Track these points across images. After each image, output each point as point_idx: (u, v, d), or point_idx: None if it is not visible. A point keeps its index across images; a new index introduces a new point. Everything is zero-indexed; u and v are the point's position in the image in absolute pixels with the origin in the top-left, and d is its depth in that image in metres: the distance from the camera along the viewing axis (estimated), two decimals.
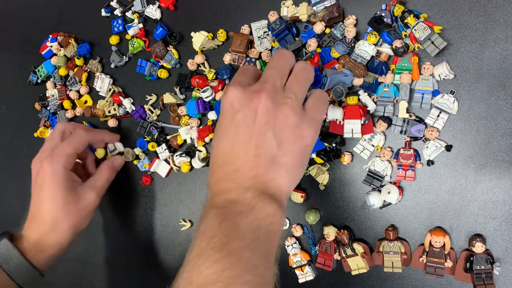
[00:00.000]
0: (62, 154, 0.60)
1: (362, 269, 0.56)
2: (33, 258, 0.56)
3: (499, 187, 0.51)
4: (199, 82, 0.64)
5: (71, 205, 0.58)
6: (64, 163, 0.59)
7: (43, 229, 0.57)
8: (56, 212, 0.57)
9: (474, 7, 0.52)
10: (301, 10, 0.58)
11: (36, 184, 0.59)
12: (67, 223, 0.58)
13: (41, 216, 0.58)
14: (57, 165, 0.58)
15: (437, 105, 0.53)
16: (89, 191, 0.61)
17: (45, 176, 0.58)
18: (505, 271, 0.51)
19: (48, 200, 0.58)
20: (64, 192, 0.58)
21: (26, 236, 0.57)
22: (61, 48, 0.77)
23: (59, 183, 0.58)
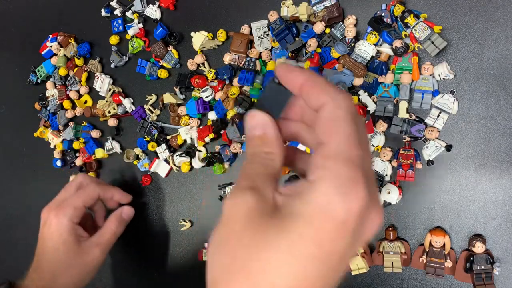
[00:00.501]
0: (70, 206, 0.59)
1: (362, 269, 0.56)
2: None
3: (499, 187, 0.51)
4: (199, 82, 0.64)
5: (74, 260, 0.58)
6: (71, 216, 0.59)
7: (43, 283, 0.56)
8: (57, 265, 0.57)
9: (474, 7, 0.52)
10: (301, 10, 0.58)
11: (42, 233, 0.59)
12: (68, 277, 0.57)
13: (42, 268, 0.57)
14: (64, 217, 0.58)
15: (437, 105, 0.53)
16: (93, 246, 0.60)
17: (50, 227, 0.58)
18: (505, 271, 0.51)
19: (50, 252, 0.57)
20: (68, 245, 0.57)
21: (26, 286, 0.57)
22: (61, 48, 0.77)
23: (63, 236, 0.57)
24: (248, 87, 0.61)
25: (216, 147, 0.65)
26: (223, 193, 0.65)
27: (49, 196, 0.80)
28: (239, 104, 0.61)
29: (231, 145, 0.63)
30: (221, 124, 0.64)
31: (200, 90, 0.65)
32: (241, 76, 0.61)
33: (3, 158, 0.87)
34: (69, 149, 0.77)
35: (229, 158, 0.64)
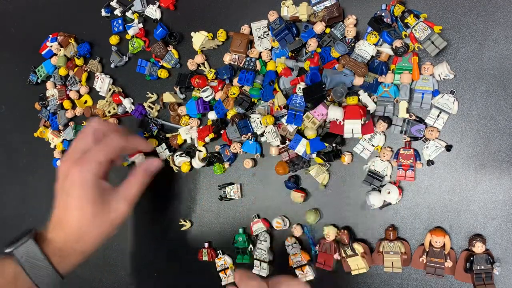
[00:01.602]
0: (94, 161, 0.54)
1: (362, 269, 0.56)
2: (57, 263, 0.53)
3: (499, 187, 0.51)
4: (199, 82, 0.64)
5: (100, 216, 0.54)
6: (95, 171, 0.54)
7: (70, 237, 0.54)
8: (84, 223, 0.54)
9: (474, 7, 0.52)
10: (301, 10, 0.58)
11: (63, 188, 0.55)
12: (95, 234, 0.55)
13: (67, 224, 0.54)
14: (88, 173, 0.54)
15: (437, 105, 0.53)
16: (120, 201, 0.56)
17: (73, 182, 0.54)
18: (505, 271, 0.51)
19: (76, 209, 0.54)
20: (93, 203, 0.54)
21: (51, 240, 0.54)
22: (61, 48, 0.77)
23: (88, 193, 0.53)
24: (248, 87, 0.61)
25: (216, 147, 0.65)
26: (223, 193, 0.65)
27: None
28: (239, 104, 0.61)
29: (231, 145, 0.63)
30: (221, 124, 0.64)
31: (200, 90, 0.65)
32: (241, 76, 0.61)
33: (3, 158, 0.87)
34: None
35: (229, 158, 0.64)
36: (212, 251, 0.66)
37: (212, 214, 0.67)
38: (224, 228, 0.66)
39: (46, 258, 0.52)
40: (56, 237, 0.54)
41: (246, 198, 0.65)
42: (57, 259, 0.53)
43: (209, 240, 0.67)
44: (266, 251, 0.61)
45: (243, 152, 0.63)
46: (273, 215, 0.63)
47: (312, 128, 0.56)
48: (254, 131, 0.61)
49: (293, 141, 0.58)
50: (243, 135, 0.61)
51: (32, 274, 0.51)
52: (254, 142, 0.61)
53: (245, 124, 0.60)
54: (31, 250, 0.51)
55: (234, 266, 0.65)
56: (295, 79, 0.56)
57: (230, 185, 0.65)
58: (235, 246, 0.64)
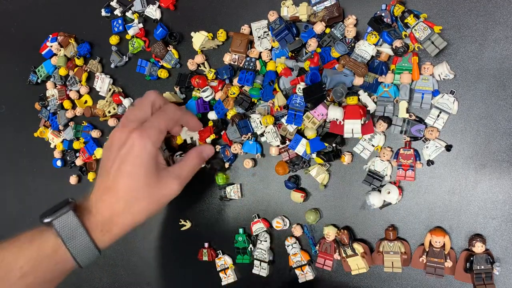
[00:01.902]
0: (155, 128, 0.52)
1: (362, 269, 0.56)
2: (98, 238, 0.50)
3: (499, 187, 0.51)
4: (199, 82, 0.64)
5: (151, 188, 0.52)
6: (155, 140, 0.52)
7: (117, 206, 0.51)
8: (136, 191, 0.51)
9: (474, 7, 0.52)
10: (301, 10, 0.58)
11: (117, 155, 0.52)
12: (143, 206, 0.52)
13: (117, 191, 0.51)
14: (148, 140, 0.51)
15: (437, 105, 0.53)
16: (173, 178, 0.54)
17: (132, 148, 0.51)
18: (505, 271, 0.51)
19: (130, 176, 0.51)
20: (148, 173, 0.51)
21: (95, 211, 0.51)
22: (61, 48, 0.77)
23: (145, 161, 0.51)
24: (248, 87, 0.61)
25: (217, 147, 0.65)
26: (223, 193, 0.65)
27: (49, 196, 0.80)
28: (239, 104, 0.61)
29: (231, 146, 0.63)
30: (222, 124, 0.64)
31: (200, 90, 0.65)
32: (241, 76, 0.61)
33: (3, 158, 0.87)
34: (69, 149, 0.77)
35: (229, 158, 0.64)
36: (212, 251, 0.66)
37: (212, 214, 0.67)
38: (224, 228, 0.66)
39: (87, 232, 0.49)
40: (100, 208, 0.51)
41: (246, 198, 0.65)
42: (98, 234, 0.50)
43: (209, 240, 0.67)
44: (266, 251, 0.61)
45: (244, 153, 0.63)
46: (273, 215, 0.63)
47: (312, 128, 0.56)
48: (254, 131, 0.61)
49: (293, 141, 0.58)
50: (243, 135, 0.61)
51: (71, 247, 0.48)
52: (255, 142, 0.61)
53: (245, 124, 0.60)
54: (71, 222, 0.49)
55: (234, 266, 0.65)
56: (295, 79, 0.57)
57: (230, 185, 0.65)
58: (235, 246, 0.64)
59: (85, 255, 0.50)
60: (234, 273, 0.65)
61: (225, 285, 0.65)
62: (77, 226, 0.49)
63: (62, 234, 0.48)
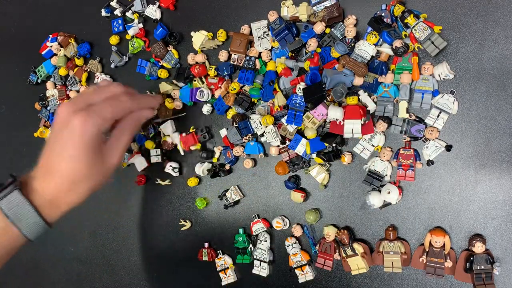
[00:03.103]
0: (101, 116, 0.52)
1: (362, 269, 0.56)
2: (47, 215, 0.51)
3: (499, 187, 0.51)
4: (200, 70, 0.64)
5: (94, 168, 0.53)
6: (100, 127, 0.52)
7: (61, 187, 0.52)
8: (79, 173, 0.52)
9: (474, 7, 0.52)
10: (301, 10, 0.58)
11: (59, 135, 0.52)
12: (87, 185, 0.53)
13: (59, 173, 0.52)
14: (92, 126, 0.51)
15: (437, 105, 0.53)
16: (114, 153, 0.55)
17: (74, 132, 0.51)
18: (505, 271, 0.51)
19: (72, 159, 0.51)
20: (91, 154, 0.52)
21: (40, 191, 0.51)
22: (61, 48, 0.77)
23: (88, 145, 0.51)
24: (248, 86, 0.61)
25: (219, 147, 0.65)
26: (225, 201, 0.65)
27: None
28: (239, 104, 0.61)
29: (233, 149, 0.63)
30: (208, 133, 0.65)
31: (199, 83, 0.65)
32: (241, 75, 0.61)
33: (3, 158, 0.87)
34: None
35: (230, 160, 0.64)
36: (212, 251, 0.66)
37: (212, 214, 0.67)
38: (224, 228, 0.66)
39: (35, 210, 0.50)
40: (46, 187, 0.52)
41: (246, 198, 0.65)
42: (47, 211, 0.51)
43: (209, 240, 0.67)
44: (266, 251, 0.61)
45: (246, 155, 0.63)
46: (273, 215, 0.63)
47: (312, 128, 0.56)
48: (254, 131, 0.61)
49: (293, 141, 0.58)
50: (244, 137, 0.61)
51: (20, 225, 0.49)
52: (256, 143, 0.61)
53: (245, 125, 0.60)
54: (17, 202, 0.49)
55: (234, 266, 0.65)
56: (295, 79, 0.57)
57: (228, 190, 0.65)
58: (235, 246, 0.64)
59: (35, 230, 0.51)
60: (234, 273, 0.65)
61: (225, 285, 0.65)
62: (24, 205, 0.49)
63: (10, 215, 0.49)
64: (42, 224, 0.51)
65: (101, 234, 0.77)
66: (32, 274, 0.84)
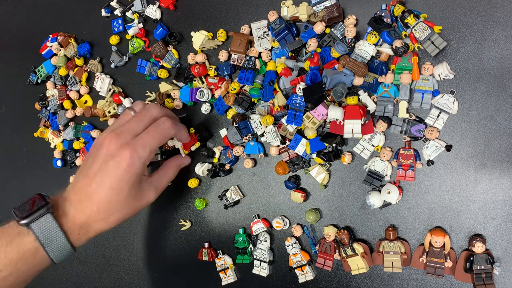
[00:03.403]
0: (147, 149, 0.53)
1: (362, 269, 0.56)
2: (74, 240, 0.52)
3: (499, 187, 0.51)
4: (200, 70, 0.64)
5: (131, 202, 0.54)
6: (145, 160, 0.53)
7: (95, 215, 0.52)
8: (116, 204, 0.53)
9: (474, 7, 0.52)
10: (301, 10, 0.58)
11: (103, 165, 0.53)
12: (118, 217, 0.54)
13: (95, 202, 0.52)
14: (138, 160, 0.52)
15: (437, 105, 0.53)
16: (152, 190, 0.57)
17: (120, 163, 0.52)
18: (505, 271, 0.51)
19: (113, 190, 0.52)
20: (131, 189, 0.53)
21: (72, 215, 0.52)
22: (61, 48, 0.77)
23: (131, 180, 0.53)
24: (248, 86, 0.61)
25: (219, 147, 0.65)
26: (225, 201, 0.65)
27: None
28: (239, 104, 0.61)
29: (233, 149, 0.63)
30: (207, 133, 0.65)
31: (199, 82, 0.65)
32: (241, 75, 0.61)
33: (3, 158, 0.87)
34: (69, 149, 0.78)
35: (230, 160, 0.64)
36: (212, 251, 0.66)
37: (212, 214, 0.67)
38: (224, 228, 0.66)
39: (65, 235, 0.50)
40: (78, 213, 0.52)
41: (246, 198, 0.65)
42: (75, 236, 0.52)
43: (209, 240, 0.67)
44: (266, 251, 0.61)
45: (246, 155, 0.63)
46: (273, 215, 0.63)
47: (312, 128, 0.56)
48: (254, 131, 0.61)
49: (293, 141, 0.58)
50: (244, 137, 0.61)
51: (49, 250, 0.50)
52: (256, 143, 0.61)
53: (245, 125, 0.60)
54: (49, 226, 0.50)
55: (234, 266, 0.65)
56: (295, 79, 0.56)
57: (226, 190, 0.65)
58: (235, 246, 0.64)
59: (61, 255, 0.52)
60: (234, 273, 0.65)
61: (225, 285, 0.65)
62: (56, 230, 0.50)
63: (41, 238, 0.49)
64: (69, 249, 0.52)
65: (101, 234, 0.77)
66: None
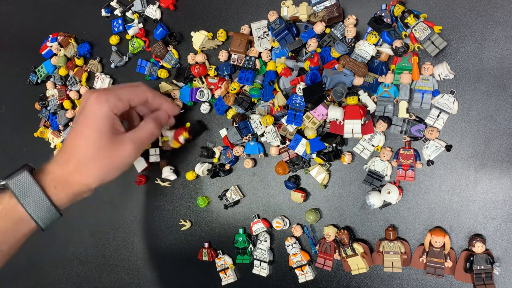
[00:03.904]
0: (114, 95, 0.54)
1: (362, 269, 0.56)
2: (53, 194, 0.51)
3: (499, 187, 0.51)
4: (200, 70, 0.64)
5: (104, 150, 0.53)
6: (112, 106, 0.53)
7: (69, 165, 0.52)
8: (86, 151, 0.52)
9: (474, 7, 0.52)
10: (301, 10, 0.58)
11: (78, 117, 0.54)
12: (94, 168, 0.53)
13: (69, 151, 0.53)
14: (104, 103, 0.52)
15: (437, 105, 0.53)
16: (127, 142, 0.55)
17: (89, 112, 0.52)
18: (505, 271, 0.51)
19: (81, 136, 0.52)
20: (101, 135, 0.52)
21: (49, 170, 0.52)
22: (61, 48, 0.77)
23: (99, 123, 0.52)
24: (248, 86, 0.61)
25: (219, 147, 0.65)
26: (225, 201, 0.65)
27: None
28: (239, 104, 0.61)
29: (233, 149, 0.63)
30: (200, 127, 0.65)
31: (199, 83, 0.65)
32: (241, 75, 0.61)
33: (3, 158, 0.87)
34: None
35: (230, 160, 0.64)
36: (212, 251, 0.66)
37: (212, 214, 0.67)
38: (224, 228, 0.66)
39: (40, 188, 0.50)
40: (55, 167, 0.52)
41: (246, 198, 0.65)
42: (52, 190, 0.51)
43: (209, 240, 0.67)
44: (266, 251, 0.61)
45: (246, 155, 0.63)
46: (273, 215, 0.63)
47: (312, 128, 0.56)
48: (254, 131, 0.61)
49: (293, 141, 0.58)
50: (244, 137, 0.61)
51: (26, 203, 0.49)
52: (256, 143, 0.61)
53: (245, 125, 0.60)
54: (25, 180, 0.50)
55: (234, 266, 0.65)
56: (295, 79, 0.56)
57: (226, 190, 0.65)
58: (235, 246, 0.64)
59: (42, 212, 0.50)
60: (234, 273, 0.65)
61: (225, 285, 0.65)
62: (30, 183, 0.50)
63: (16, 191, 0.49)
64: (47, 204, 0.51)
65: (101, 234, 0.77)
66: (32, 274, 0.84)
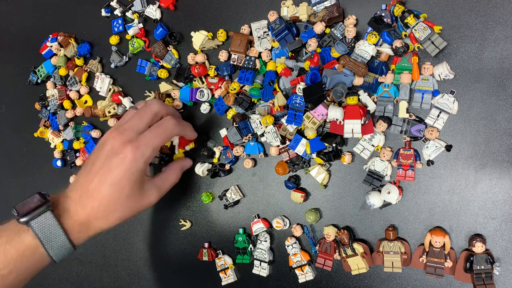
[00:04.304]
0: (151, 146, 0.53)
1: (362, 269, 0.56)
2: (74, 238, 0.52)
3: (499, 187, 0.51)
4: (200, 70, 0.64)
5: (132, 200, 0.54)
6: (148, 158, 0.53)
7: (96, 212, 0.52)
8: (117, 201, 0.52)
9: (474, 7, 0.52)
10: (301, 10, 0.58)
11: (106, 162, 0.52)
12: (120, 215, 0.54)
13: (99, 198, 0.52)
14: (142, 157, 0.52)
15: (437, 105, 0.53)
16: (154, 191, 0.56)
17: (123, 161, 0.52)
18: (505, 271, 0.51)
19: (114, 186, 0.52)
20: (133, 187, 0.53)
21: (73, 212, 0.52)
22: (61, 48, 0.77)
23: (133, 177, 0.52)
24: (248, 86, 0.61)
25: (219, 147, 0.65)
26: (225, 201, 0.65)
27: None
28: (239, 104, 0.61)
29: (233, 149, 0.63)
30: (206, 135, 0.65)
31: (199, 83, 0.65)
32: (241, 75, 0.61)
33: (3, 158, 0.87)
34: (69, 149, 0.78)
35: (230, 160, 0.64)
36: (212, 251, 0.66)
37: (212, 214, 0.67)
38: (224, 228, 0.66)
39: (65, 233, 0.50)
40: (79, 210, 0.52)
41: (246, 198, 0.65)
42: (75, 234, 0.52)
43: (209, 240, 0.67)
44: (266, 251, 0.61)
45: (246, 155, 0.63)
46: (273, 215, 0.63)
47: (312, 128, 0.56)
48: (254, 131, 0.61)
49: (293, 141, 0.58)
50: (244, 137, 0.61)
51: (49, 247, 0.49)
52: (256, 143, 0.61)
53: (245, 125, 0.60)
54: (49, 224, 0.50)
55: (234, 266, 0.65)
56: (295, 79, 0.57)
57: (226, 190, 0.65)
58: (235, 246, 0.64)
59: (61, 253, 0.51)
60: (234, 273, 0.65)
61: (225, 285, 0.65)
62: (55, 228, 0.50)
63: (41, 236, 0.49)
64: (69, 247, 0.51)
65: (101, 234, 0.76)
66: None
